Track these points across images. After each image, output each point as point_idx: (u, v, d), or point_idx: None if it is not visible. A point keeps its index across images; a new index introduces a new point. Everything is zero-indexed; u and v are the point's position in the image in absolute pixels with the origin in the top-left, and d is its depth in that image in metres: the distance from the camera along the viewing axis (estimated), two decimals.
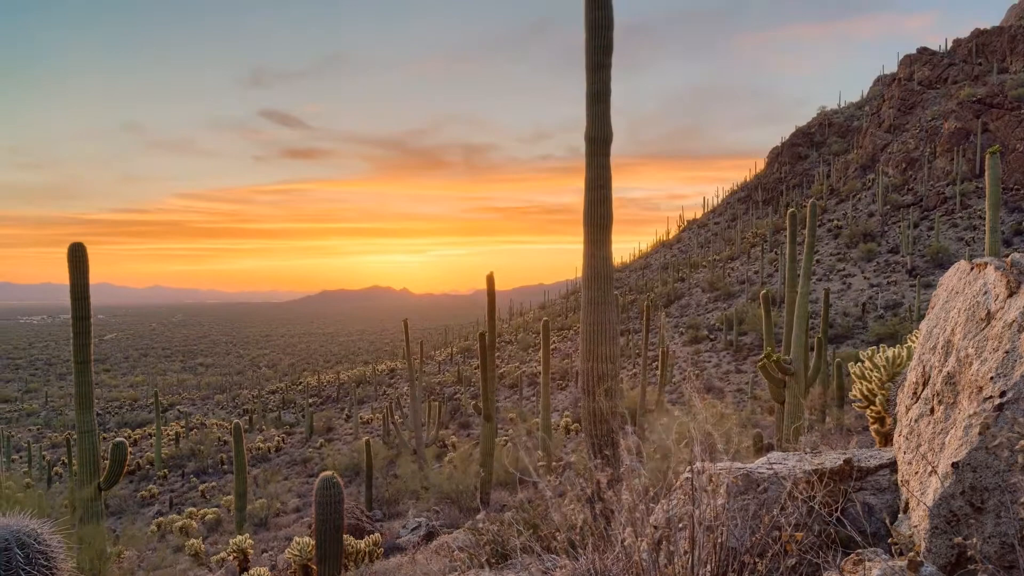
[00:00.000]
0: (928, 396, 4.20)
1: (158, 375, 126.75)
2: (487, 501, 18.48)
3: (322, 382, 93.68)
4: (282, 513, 27.97)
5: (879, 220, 71.09)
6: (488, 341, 20.43)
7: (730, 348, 53.67)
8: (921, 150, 77.23)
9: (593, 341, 9.52)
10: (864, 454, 5.21)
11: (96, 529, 11.17)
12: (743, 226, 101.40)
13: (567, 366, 60.80)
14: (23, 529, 4.15)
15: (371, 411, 64.81)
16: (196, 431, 61.13)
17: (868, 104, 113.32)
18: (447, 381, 74.78)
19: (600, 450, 8.78)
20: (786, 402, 17.14)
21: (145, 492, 39.59)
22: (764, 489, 4.84)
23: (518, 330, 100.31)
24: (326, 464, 35.97)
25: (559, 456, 22.63)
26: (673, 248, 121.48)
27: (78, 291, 12.26)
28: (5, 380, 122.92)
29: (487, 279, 20.18)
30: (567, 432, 36.90)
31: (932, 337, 4.47)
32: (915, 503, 3.80)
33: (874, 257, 64.04)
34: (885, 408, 7.37)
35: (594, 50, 9.69)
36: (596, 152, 9.78)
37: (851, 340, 46.82)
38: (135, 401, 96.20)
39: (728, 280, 75.00)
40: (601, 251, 9.70)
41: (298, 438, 55.49)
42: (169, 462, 47.98)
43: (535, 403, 50.06)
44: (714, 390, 40.11)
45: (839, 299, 55.28)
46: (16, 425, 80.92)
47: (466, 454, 25.08)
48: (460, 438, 41.33)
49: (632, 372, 49.22)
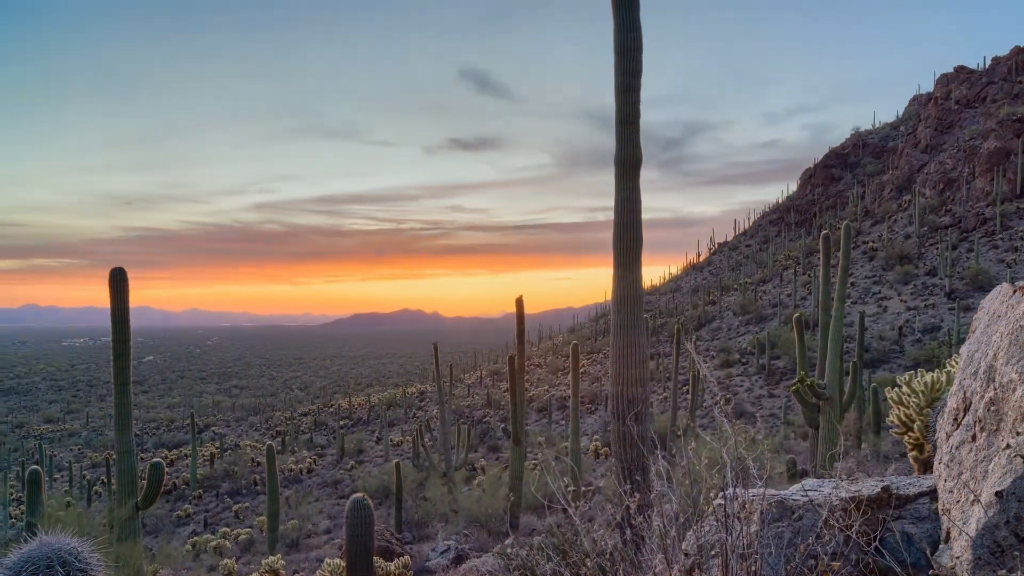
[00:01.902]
0: (970, 422, 4.11)
1: (194, 397, 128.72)
2: (516, 525, 18.34)
3: (353, 404, 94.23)
4: (313, 534, 28.05)
5: (916, 242, 69.69)
6: (517, 364, 20.42)
7: (762, 372, 52.82)
8: (959, 170, 75.75)
9: (623, 365, 9.46)
10: (903, 481, 5.09)
11: (133, 548, 11.35)
12: (775, 248, 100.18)
13: (596, 390, 60.34)
14: (64, 547, 4.25)
15: (401, 433, 64.95)
16: (230, 452, 61.85)
17: (903, 124, 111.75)
18: (476, 404, 74.67)
19: (630, 475, 8.68)
20: (820, 427, 16.80)
21: (181, 512, 40.08)
22: (799, 517, 4.75)
23: (547, 353, 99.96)
24: (356, 486, 36.08)
25: (588, 480, 22.40)
26: (704, 271, 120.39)
27: (118, 314, 12.57)
28: (49, 401, 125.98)
29: (516, 302, 20.23)
30: (596, 456, 36.53)
31: (973, 362, 4.37)
32: (957, 533, 3.70)
33: (911, 279, 62.70)
34: (924, 434, 7.19)
35: (623, 73, 9.73)
36: (625, 175, 9.78)
37: (888, 365, 45.74)
38: (172, 422, 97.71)
39: (760, 303, 73.99)
40: (631, 274, 9.67)
41: (329, 460, 55.78)
42: (204, 482, 48.56)
43: (564, 427, 49.65)
44: (746, 415, 39.44)
45: (875, 322, 54.15)
46: (58, 445, 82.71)
47: (495, 477, 24.97)
48: (489, 461, 41.15)
49: (663, 396, 48.67)
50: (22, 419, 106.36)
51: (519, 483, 19.59)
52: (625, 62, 9.67)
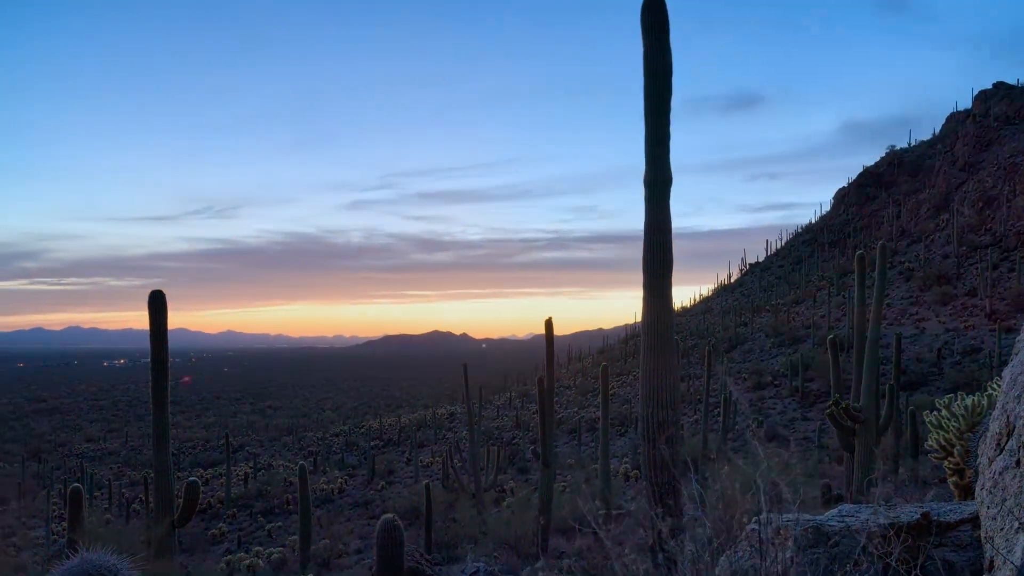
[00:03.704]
0: (1013, 448, 4.01)
1: (229, 417, 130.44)
2: (546, 548, 18.19)
3: (384, 425, 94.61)
4: (344, 554, 28.12)
5: (954, 261, 68.14)
6: (547, 386, 20.37)
7: (795, 395, 51.81)
8: (999, 188, 74.09)
9: (653, 387, 9.40)
10: (943, 508, 4.97)
11: (169, 565, 11.51)
12: (808, 269, 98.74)
13: (626, 412, 59.75)
14: (105, 564, 4.35)
15: (431, 455, 64.93)
16: (264, 472, 62.43)
17: (940, 142, 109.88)
18: (506, 426, 74.41)
19: (661, 498, 8.58)
20: (856, 452, 16.43)
21: (215, 530, 40.48)
22: (835, 543, 4.67)
23: (577, 375, 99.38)
24: (387, 507, 36.12)
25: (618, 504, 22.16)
26: (735, 292, 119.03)
27: (157, 336, 12.88)
28: (90, 420, 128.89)
29: (546, 324, 20.24)
30: (626, 479, 36.11)
31: (1017, 385, 4.28)
32: (1001, 562, 3.61)
33: (950, 300, 61.20)
34: (964, 459, 7.01)
35: (653, 95, 9.78)
36: (655, 196, 9.78)
37: (926, 387, 44.56)
38: (207, 442, 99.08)
39: (793, 324, 72.83)
40: (661, 297, 9.63)
41: (360, 480, 55.97)
42: (238, 501, 49.06)
43: (594, 449, 49.20)
44: (778, 438, 38.69)
45: (912, 344, 52.88)
46: (98, 463, 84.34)
47: (524, 499, 24.81)
48: (518, 483, 40.91)
49: (693, 418, 47.99)
50: (64, 438, 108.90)
51: (548, 505, 19.45)
52: (656, 84, 9.72)
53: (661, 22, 9.73)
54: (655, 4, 9.71)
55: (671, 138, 9.81)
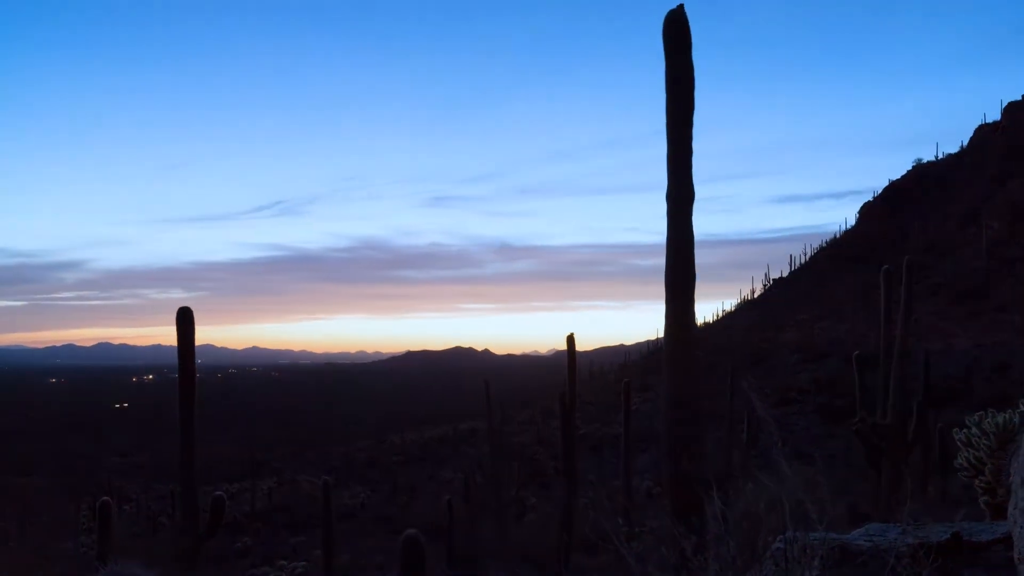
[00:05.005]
0: None
1: (254, 432, 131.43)
2: (568, 564, 18.07)
3: (406, 441, 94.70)
4: (367, 568, 28.14)
5: (984, 276, 66.90)
6: (569, 402, 20.32)
7: (821, 411, 51.03)
8: None
9: (675, 403, 9.35)
10: (974, 528, 4.90)
11: None
12: (833, 284, 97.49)
13: (649, 428, 59.24)
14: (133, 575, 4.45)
15: (452, 470, 64.86)
16: (287, 486, 62.74)
17: (968, 155, 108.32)
18: (527, 442, 74.06)
19: (684, 516, 8.52)
20: (883, 470, 16.15)
21: (240, 544, 40.73)
22: (863, 563, 4.62)
23: (599, 391, 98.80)
24: (409, 522, 36.07)
25: (641, 521, 21.91)
26: (759, 307, 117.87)
27: (184, 352, 13.11)
28: (119, 434, 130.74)
29: (567, 339, 20.24)
30: (648, 496, 35.74)
31: None
32: None
33: (979, 315, 60.00)
34: (996, 478, 6.89)
35: (675, 104, 9.68)
36: (678, 211, 9.74)
37: (955, 404, 43.60)
38: (232, 457, 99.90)
39: (817, 340, 71.90)
40: (684, 313, 9.59)
41: (382, 495, 56.05)
42: (262, 516, 49.34)
43: (616, 465, 48.82)
44: (803, 455, 38.09)
45: (940, 360, 51.82)
46: (126, 477, 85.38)
47: (546, 515, 24.67)
48: (540, 499, 40.69)
49: (716, 435, 47.42)
50: (94, 452, 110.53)
51: (570, 521, 19.33)
52: (677, 92, 9.67)
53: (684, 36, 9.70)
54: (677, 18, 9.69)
55: (694, 152, 9.77)
